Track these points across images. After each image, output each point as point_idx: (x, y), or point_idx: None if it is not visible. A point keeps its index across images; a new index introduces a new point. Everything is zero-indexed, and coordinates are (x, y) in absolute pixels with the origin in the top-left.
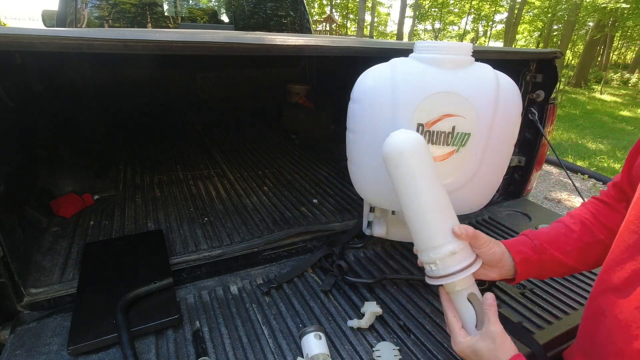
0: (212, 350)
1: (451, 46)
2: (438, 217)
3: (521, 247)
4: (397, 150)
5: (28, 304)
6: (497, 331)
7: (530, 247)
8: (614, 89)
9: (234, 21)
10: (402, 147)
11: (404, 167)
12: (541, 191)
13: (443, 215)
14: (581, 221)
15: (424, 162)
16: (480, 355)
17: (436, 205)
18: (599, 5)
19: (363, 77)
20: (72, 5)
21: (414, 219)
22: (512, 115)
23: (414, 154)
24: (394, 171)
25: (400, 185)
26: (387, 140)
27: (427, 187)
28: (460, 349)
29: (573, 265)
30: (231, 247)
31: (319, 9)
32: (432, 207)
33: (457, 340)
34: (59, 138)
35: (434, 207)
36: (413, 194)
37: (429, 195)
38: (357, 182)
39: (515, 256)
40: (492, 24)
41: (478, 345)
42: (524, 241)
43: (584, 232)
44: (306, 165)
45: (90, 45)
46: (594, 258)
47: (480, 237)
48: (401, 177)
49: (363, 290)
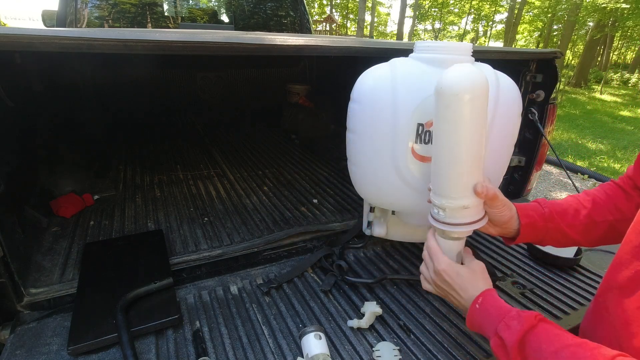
0: (212, 350)
1: (451, 46)
2: (467, 172)
3: (530, 211)
4: (452, 90)
5: (28, 304)
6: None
7: (540, 214)
8: (614, 89)
9: (234, 21)
10: (458, 88)
11: (453, 111)
12: (541, 191)
13: (472, 171)
14: (594, 200)
15: (477, 111)
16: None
17: (470, 159)
18: (599, 5)
19: (363, 77)
20: (72, 5)
21: (442, 164)
22: (512, 116)
23: (469, 101)
24: (442, 110)
25: (442, 126)
26: (445, 72)
27: (470, 140)
28: (443, 267)
29: (576, 239)
30: (231, 247)
31: (319, 9)
32: (466, 161)
33: (440, 259)
34: (59, 138)
35: (467, 160)
36: (452, 141)
37: (468, 148)
38: (357, 182)
39: (523, 219)
40: (492, 24)
41: (461, 269)
42: (534, 207)
43: (594, 211)
44: (306, 165)
45: (90, 45)
46: (598, 236)
47: (497, 198)
48: (447, 119)
49: (363, 290)
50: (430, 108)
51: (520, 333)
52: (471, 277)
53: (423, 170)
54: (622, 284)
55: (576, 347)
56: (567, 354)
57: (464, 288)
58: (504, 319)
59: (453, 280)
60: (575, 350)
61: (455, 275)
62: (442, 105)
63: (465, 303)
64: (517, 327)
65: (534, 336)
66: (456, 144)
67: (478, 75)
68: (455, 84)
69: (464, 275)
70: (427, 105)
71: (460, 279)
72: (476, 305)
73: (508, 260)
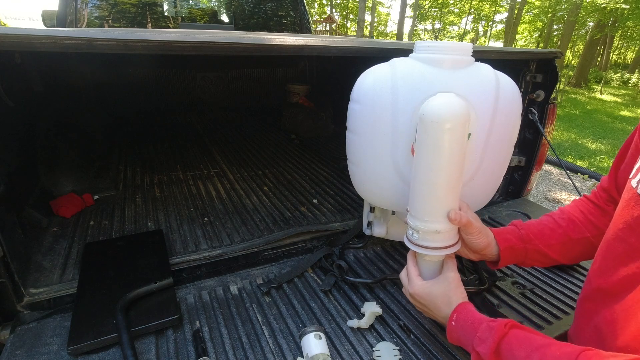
0: (212, 350)
1: (451, 46)
2: (442, 197)
3: (508, 235)
4: (433, 117)
5: (28, 304)
6: (454, 276)
7: (517, 236)
8: (614, 89)
9: (234, 21)
10: (437, 117)
11: (433, 137)
12: (541, 191)
13: (448, 197)
14: (569, 218)
15: (456, 140)
16: (433, 297)
17: (446, 185)
18: (599, 5)
19: (363, 77)
20: (72, 5)
21: (419, 187)
22: (512, 115)
23: (449, 129)
24: (423, 136)
25: (422, 151)
26: (427, 101)
27: (447, 166)
28: (415, 290)
29: (555, 258)
30: (231, 247)
31: (319, 9)
32: (441, 186)
33: (413, 282)
34: (59, 138)
35: (443, 186)
36: (430, 167)
37: (445, 174)
38: (357, 182)
39: (501, 244)
40: (492, 24)
41: (433, 287)
42: (511, 230)
43: (571, 229)
44: (306, 165)
45: (90, 45)
46: (576, 253)
47: (472, 226)
48: (427, 145)
49: (363, 290)
50: None
51: (493, 345)
52: (443, 295)
53: None
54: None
55: (545, 347)
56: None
57: (437, 307)
58: (477, 333)
59: (426, 300)
60: (545, 352)
61: (427, 295)
62: (423, 131)
63: (442, 320)
64: (489, 339)
65: (506, 344)
66: (434, 169)
67: (459, 105)
68: (437, 112)
69: (436, 294)
70: None
71: (432, 298)
72: (452, 322)
73: None
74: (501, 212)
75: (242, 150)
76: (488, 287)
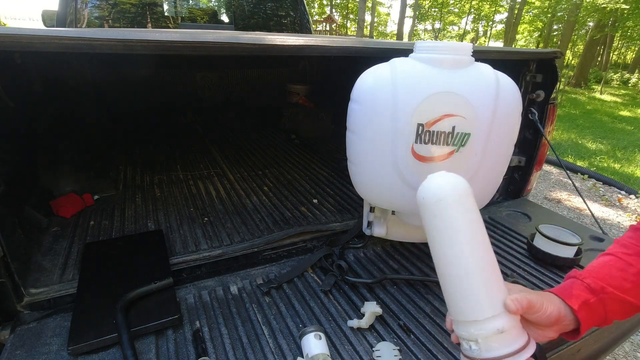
0: (212, 350)
1: (451, 46)
2: (484, 283)
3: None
4: (435, 196)
5: (28, 304)
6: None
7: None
8: (614, 89)
9: (234, 21)
10: (441, 193)
11: (442, 218)
12: (541, 191)
13: (491, 281)
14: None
15: (468, 212)
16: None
17: (482, 266)
18: (599, 5)
19: (363, 77)
20: (72, 5)
21: (451, 282)
22: (512, 115)
23: (456, 202)
24: (431, 221)
25: (437, 238)
26: (423, 184)
27: (471, 244)
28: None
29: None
30: (231, 247)
31: (319, 9)
32: (477, 269)
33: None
34: (59, 138)
35: (479, 268)
36: (453, 252)
37: (474, 253)
38: (357, 182)
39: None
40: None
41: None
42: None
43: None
44: (306, 165)
45: (90, 45)
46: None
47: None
48: (439, 229)
49: (363, 290)
50: (430, 108)
51: None
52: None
53: (423, 170)
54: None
55: None
56: None
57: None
58: None
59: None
60: None
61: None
62: (430, 217)
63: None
64: None
65: None
66: (459, 252)
67: (455, 178)
68: (438, 191)
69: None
70: (427, 105)
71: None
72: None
73: (508, 260)
74: (501, 212)
75: (242, 150)
76: None
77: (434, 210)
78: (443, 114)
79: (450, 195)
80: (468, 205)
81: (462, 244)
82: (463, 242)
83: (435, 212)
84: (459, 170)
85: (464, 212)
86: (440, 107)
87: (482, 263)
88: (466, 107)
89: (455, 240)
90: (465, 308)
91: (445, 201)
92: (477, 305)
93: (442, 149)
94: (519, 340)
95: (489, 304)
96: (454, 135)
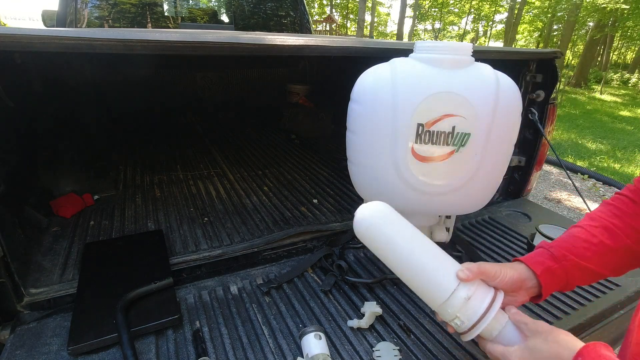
0: (212, 350)
1: (451, 46)
2: (433, 270)
3: (538, 257)
4: (364, 225)
5: (28, 304)
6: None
7: (549, 257)
8: (614, 89)
9: (234, 21)
10: (367, 222)
11: (377, 239)
12: (541, 191)
13: (440, 266)
14: (603, 225)
15: (396, 225)
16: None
17: (428, 259)
18: (599, 5)
19: (363, 77)
20: (72, 5)
21: (413, 281)
22: (512, 115)
23: (380, 223)
24: (372, 244)
25: (383, 255)
26: (354, 220)
27: (412, 246)
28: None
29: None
30: (231, 247)
31: (319, 9)
32: (422, 264)
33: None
34: (59, 138)
35: (423, 263)
36: (398, 260)
37: (417, 252)
38: (357, 182)
39: (536, 268)
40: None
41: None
42: (540, 253)
43: (606, 237)
44: (306, 165)
45: (90, 45)
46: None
47: (487, 270)
48: (380, 248)
49: (363, 290)
50: (430, 108)
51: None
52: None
53: (423, 170)
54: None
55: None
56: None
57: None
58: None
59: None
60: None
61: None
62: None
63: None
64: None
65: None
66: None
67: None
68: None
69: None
70: (427, 105)
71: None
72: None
73: (508, 261)
74: (501, 212)
75: (242, 150)
76: None
77: (370, 236)
78: (443, 114)
79: (374, 219)
80: (391, 219)
81: (404, 249)
82: (400, 249)
83: (371, 237)
84: (459, 170)
85: (390, 226)
86: (440, 107)
87: (423, 257)
88: (466, 107)
89: (395, 251)
90: (433, 297)
91: (373, 226)
92: (438, 289)
93: (442, 149)
94: (487, 297)
95: (446, 283)
96: (454, 135)
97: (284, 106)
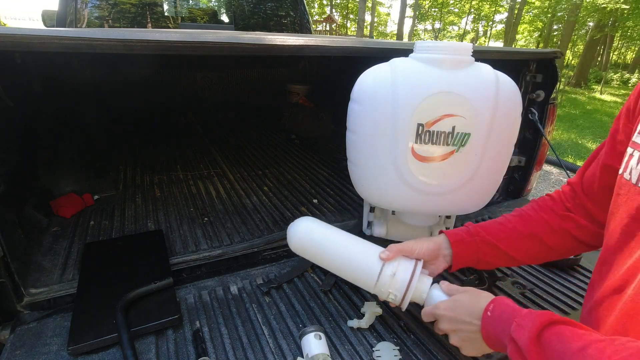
0: (212, 350)
1: (451, 46)
2: (362, 258)
3: (457, 231)
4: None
5: (28, 304)
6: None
7: (465, 231)
8: (614, 89)
9: (234, 21)
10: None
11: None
12: (541, 191)
13: (365, 254)
14: (520, 213)
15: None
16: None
17: (353, 251)
18: (599, 5)
19: (363, 77)
20: (72, 5)
21: (348, 273)
22: (512, 115)
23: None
24: (307, 253)
25: (319, 259)
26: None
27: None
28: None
29: (509, 254)
30: (231, 247)
31: (319, 9)
32: (352, 255)
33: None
34: (59, 138)
35: (352, 254)
36: (332, 258)
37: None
38: (357, 182)
39: (451, 237)
40: (492, 24)
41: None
42: (460, 228)
43: (519, 222)
44: (306, 165)
45: (90, 45)
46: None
47: (404, 246)
48: (314, 255)
49: (363, 290)
50: (430, 108)
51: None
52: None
53: (423, 170)
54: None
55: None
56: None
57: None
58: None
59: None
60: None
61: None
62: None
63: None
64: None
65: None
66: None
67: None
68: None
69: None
70: (427, 105)
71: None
72: (487, 313)
73: None
74: (501, 212)
75: (242, 150)
76: (488, 286)
77: (302, 247)
78: (443, 114)
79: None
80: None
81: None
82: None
83: (303, 248)
84: (459, 170)
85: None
86: (440, 107)
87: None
88: (466, 107)
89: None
90: (366, 282)
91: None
92: (368, 274)
93: (442, 149)
94: (409, 268)
95: (373, 266)
96: (454, 135)
97: (284, 106)
